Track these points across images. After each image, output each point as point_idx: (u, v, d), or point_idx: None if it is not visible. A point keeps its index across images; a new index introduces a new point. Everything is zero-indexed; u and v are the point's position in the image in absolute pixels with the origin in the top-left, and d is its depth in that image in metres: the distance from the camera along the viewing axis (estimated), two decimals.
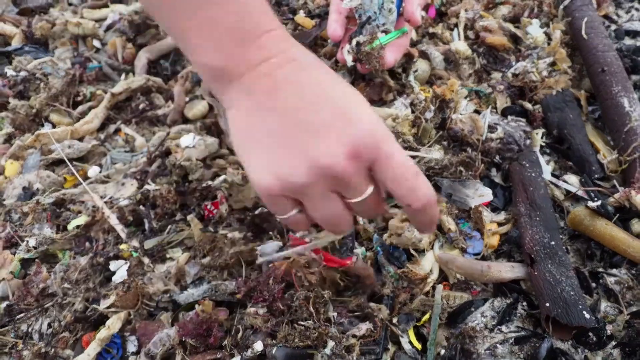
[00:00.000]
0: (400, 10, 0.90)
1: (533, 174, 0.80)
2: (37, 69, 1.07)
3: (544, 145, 0.88)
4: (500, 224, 0.78)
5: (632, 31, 1.08)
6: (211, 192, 0.82)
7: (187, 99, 1.00)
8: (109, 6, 1.23)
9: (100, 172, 0.90)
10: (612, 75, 0.90)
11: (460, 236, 0.75)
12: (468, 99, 0.93)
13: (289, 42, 0.58)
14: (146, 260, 0.75)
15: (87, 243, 0.79)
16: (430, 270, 0.72)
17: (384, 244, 0.74)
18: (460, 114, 0.88)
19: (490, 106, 0.92)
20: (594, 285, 0.70)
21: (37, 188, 0.87)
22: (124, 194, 0.83)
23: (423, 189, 0.55)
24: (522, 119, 0.90)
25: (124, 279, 0.72)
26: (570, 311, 0.62)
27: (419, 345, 0.66)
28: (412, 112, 0.88)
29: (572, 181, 0.82)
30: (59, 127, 0.96)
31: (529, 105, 0.92)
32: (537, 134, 0.88)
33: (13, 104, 1.00)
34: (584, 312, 0.62)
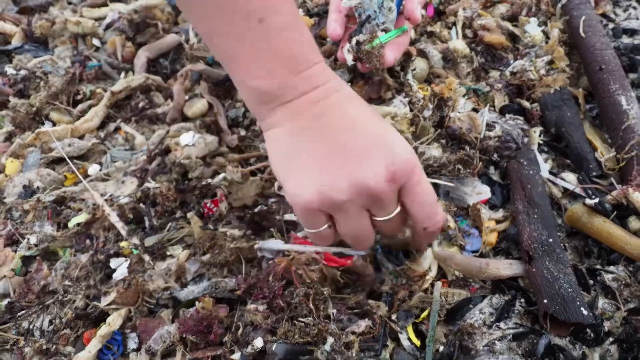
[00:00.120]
0: (400, 8, 0.90)
1: (531, 172, 0.80)
2: (37, 68, 1.07)
3: (542, 143, 0.88)
4: (498, 222, 0.78)
5: (629, 29, 1.08)
6: (211, 190, 0.82)
7: (187, 98, 1.00)
8: (108, 5, 1.23)
9: (100, 170, 0.90)
10: (610, 73, 0.90)
11: (458, 233, 0.76)
12: (466, 97, 0.93)
13: (331, 75, 0.64)
14: (146, 257, 0.75)
15: (88, 240, 0.79)
16: (429, 268, 0.73)
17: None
18: (458, 112, 0.88)
19: (489, 104, 0.92)
20: (591, 282, 0.71)
21: (38, 186, 0.88)
22: (124, 192, 0.84)
23: (439, 215, 0.65)
24: (520, 117, 0.91)
25: (124, 276, 0.73)
26: (568, 308, 0.63)
27: (417, 342, 0.66)
28: (411, 110, 0.88)
29: (570, 179, 0.82)
30: (59, 126, 0.96)
31: (527, 104, 0.93)
32: (535, 132, 0.88)
33: (13, 103, 1.01)
34: (582, 309, 0.63)
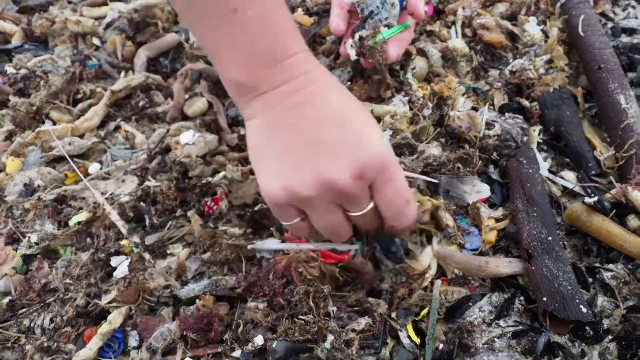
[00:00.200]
0: (403, 4, 0.90)
1: (530, 171, 0.80)
2: (37, 67, 1.08)
3: (541, 142, 0.89)
4: (497, 220, 0.78)
5: (628, 29, 1.09)
6: (211, 188, 0.82)
7: (187, 96, 1.00)
8: (108, 4, 1.23)
9: (100, 168, 0.90)
10: (609, 72, 0.90)
11: (458, 232, 0.76)
12: (466, 96, 0.93)
13: (312, 64, 0.62)
14: (147, 255, 0.75)
15: (88, 239, 0.80)
16: (429, 266, 0.73)
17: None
18: (457, 111, 0.88)
19: (488, 103, 0.92)
20: (590, 280, 0.71)
21: (38, 185, 0.88)
22: (125, 191, 0.84)
23: (409, 216, 0.63)
24: (520, 116, 0.91)
25: (125, 275, 0.73)
26: (567, 305, 0.63)
27: (417, 340, 0.67)
28: (410, 109, 0.88)
29: (569, 177, 0.83)
30: (59, 125, 0.96)
31: (526, 103, 0.93)
32: (534, 130, 0.89)
33: (13, 102, 1.01)
34: (581, 307, 0.63)
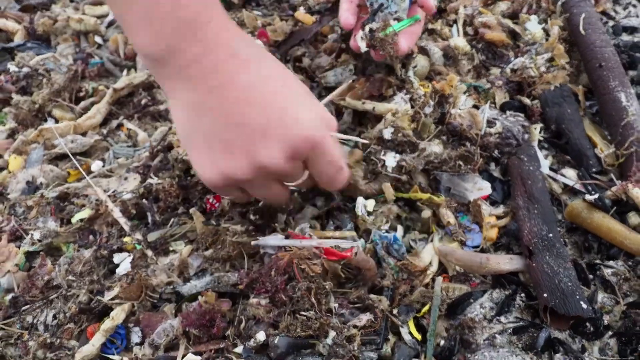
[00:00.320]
0: None
1: (531, 168, 0.80)
2: (39, 65, 1.08)
3: (542, 139, 0.89)
4: (499, 217, 0.79)
5: (629, 27, 1.09)
6: None
7: None
8: None
9: (103, 166, 0.91)
10: (610, 70, 0.90)
11: (459, 229, 0.76)
12: (467, 94, 0.93)
13: (231, 33, 0.57)
14: (149, 252, 0.76)
15: (91, 236, 0.80)
16: (430, 263, 0.73)
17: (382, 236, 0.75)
18: (459, 109, 0.88)
19: (489, 101, 0.93)
20: (591, 276, 0.71)
21: (41, 182, 0.88)
22: (127, 188, 0.84)
23: (341, 181, 0.67)
24: (521, 114, 0.91)
25: (127, 271, 0.73)
26: (568, 301, 0.63)
27: (418, 336, 0.67)
28: (412, 107, 0.88)
29: (570, 175, 0.83)
30: (62, 123, 0.97)
31: (527, 101, 0.93)
32: (535, 128, 0.89)
33: (16, 100, 1.01)
34: (581, 303, 0.63)
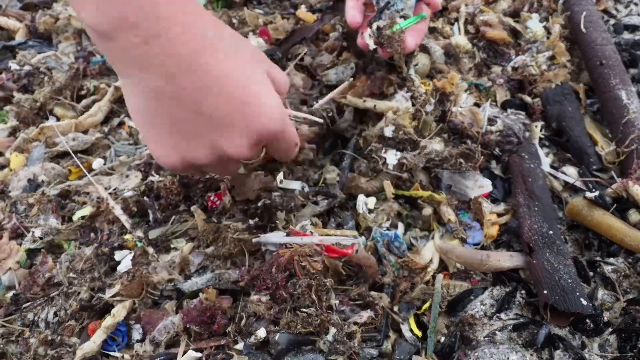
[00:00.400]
0: None
1: (532, 166, 0.80)
2: (41, 63, 1.08)
3: (543, 137, 0.89)
4: (499, 215, 0.79)
5: (630, 25, 1.09)
6: (214, 183, 0.83)
7: None
8: None
9: (104, 164, 0.91)
10: (610, 68, 0.90)
11: (460, 227, 0.76)
12: (468, 92, 0.93)
13: (188, 12, 0.52)
14: (150, 250, 0.76)
15: (92, 233, 0.80)
16: (431, 260, 0.74)
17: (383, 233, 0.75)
18: (460, 107, 0.88)
19: (490, 99, 0.93)
20: (591, 274, 0.71)
21: (42, 180, 0.88)
22: (128, 186, 0.84)
23: (293, 154, 0.70)
24: (522, 112, 0.91)
25: (128, 269, 0.73)
26: (568, 298, 0.63)
27: (419, 333, 0.67)
28: (413, 105, 0.88)
29: (571, 172, 0.83)
30: (63, 121, 0.97)
31: (528, 99, 0.93)
32: (536, 126, 0.89)
33: (17, 98, 1.02)
34: (581, 299, 0.63)
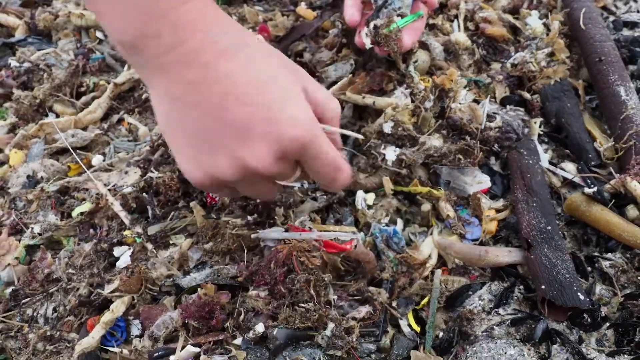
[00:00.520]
0: None
1: (531, 162, 0.81)
2: (40, 60, 1.08)
3: (542, 133, 0.89)
4: (498, 211, 0.79)
5: (630, 22, 1.09)
6: None
7: None
8: None
9: (103, 160, 0.91)
10: (609, 64, 0.90)
11: (458, 222, 0.76)
12: (467, 88, 0.93)
13: (209, 18, 0.52)
14: (149, 246, 0.76)
15: (91, 229, 0.80)
16: (429, 256, 0.74)
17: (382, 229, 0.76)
18: (459, 104, 0.88)
19: (489, 96, 0.93)
20: (589, 269, 0.71)
21: (42, 176, 0.88)
22: (128, 182, 0.85)
23: (340, 181, 0.61)
24: (521, 108, 0.91)
25: (127, 264, 0.74)
26: (565, 293, 0.63)
27: (417, 328, 0.67)
28: (412, 101, 0.88)
29: (569, 168, 0.83)
30: (63, 117, 0.97)
31: (527, 95, 0.93)
32: (535, 122, 0.89)
33: (17, 95, 1.02)
34: (579, 294, 0.64)
